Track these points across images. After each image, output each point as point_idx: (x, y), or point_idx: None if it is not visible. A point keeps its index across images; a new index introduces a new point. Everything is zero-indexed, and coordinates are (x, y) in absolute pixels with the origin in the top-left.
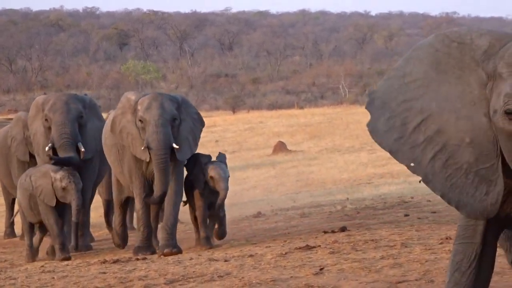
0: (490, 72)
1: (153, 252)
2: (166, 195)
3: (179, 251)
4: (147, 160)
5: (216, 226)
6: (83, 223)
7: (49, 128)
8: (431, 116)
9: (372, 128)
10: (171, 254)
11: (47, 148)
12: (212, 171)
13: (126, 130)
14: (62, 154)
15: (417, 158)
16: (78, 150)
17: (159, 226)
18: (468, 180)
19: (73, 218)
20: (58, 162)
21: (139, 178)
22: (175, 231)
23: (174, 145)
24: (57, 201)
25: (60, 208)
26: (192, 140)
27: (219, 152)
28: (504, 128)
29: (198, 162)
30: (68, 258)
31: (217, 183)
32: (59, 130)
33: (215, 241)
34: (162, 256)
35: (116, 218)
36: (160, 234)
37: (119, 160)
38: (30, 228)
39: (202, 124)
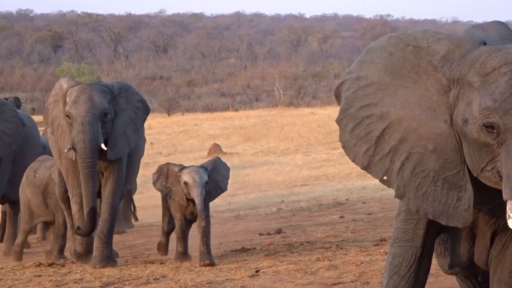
0: (454, 79)
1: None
2: (95, 209)
3: (114, 264)
4: (73, 159)
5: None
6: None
7: None
8: (392, 123)
9: (344, 143)
10: (104, 267)
11: None
12: (186, 176)
13: (57, 121)
14: None
15: (387, 170)
16: None
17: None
18: (437, 187)
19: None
20: None
21: (76, 177)
22: (111, 240)
23: (103, 146)
24: None
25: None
26: (132, 133)
27: (216, 156)
28: (478, 139)
29: (170, 173)
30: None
31: (190, 189)
32: None
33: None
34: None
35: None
36: (94, 243)
37: (59, 155)
38: (31, 228)
39: (146, 112)
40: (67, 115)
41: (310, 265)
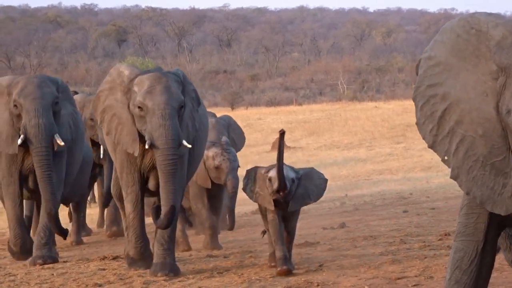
0: (502, 66)
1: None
2: (177, 211)
3: (177, 273)
4: (136, 154)
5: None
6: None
7: (18, 116)
8: (451, 104)
9: (417, 120)
10: (167, 275)
11: (19, 141)
12: (271, 172)
13: (112, 111)
14: (35, 148)
15: (447, 150)
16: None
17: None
18: (486, 172)
19: (229, 203)
20: None
21: (131, 173)
22: (173, 245)
23: (185, 143)
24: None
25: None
26: (191, 126)
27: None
28: None
29: (258, 176)
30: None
31: (273, 183)
32: (32, 120)
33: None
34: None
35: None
36: (155, 249)
37: (113, 148)
38: (183, 213)
39: (198, 103)
40: (139, 106)
41: (374, 260)
